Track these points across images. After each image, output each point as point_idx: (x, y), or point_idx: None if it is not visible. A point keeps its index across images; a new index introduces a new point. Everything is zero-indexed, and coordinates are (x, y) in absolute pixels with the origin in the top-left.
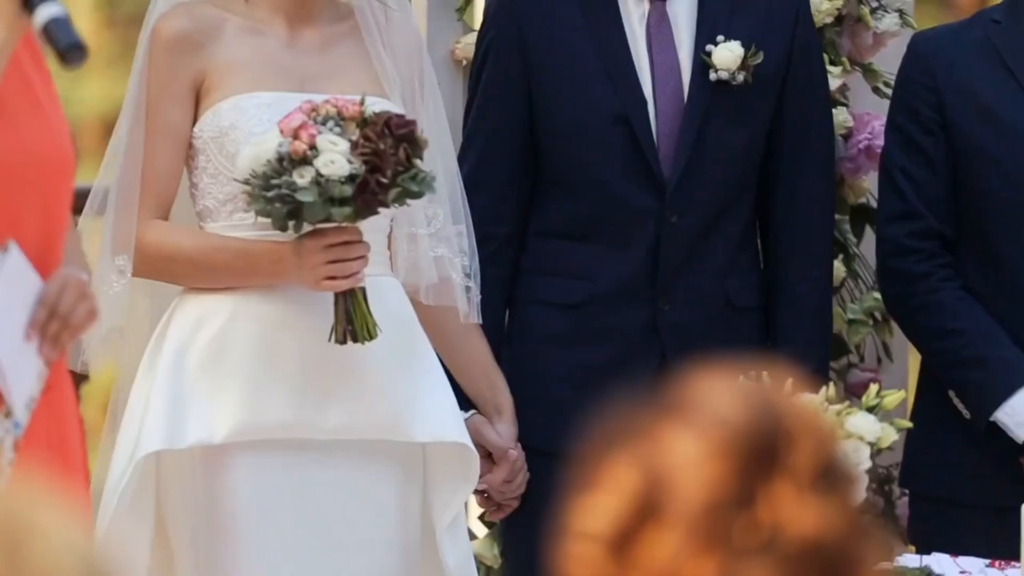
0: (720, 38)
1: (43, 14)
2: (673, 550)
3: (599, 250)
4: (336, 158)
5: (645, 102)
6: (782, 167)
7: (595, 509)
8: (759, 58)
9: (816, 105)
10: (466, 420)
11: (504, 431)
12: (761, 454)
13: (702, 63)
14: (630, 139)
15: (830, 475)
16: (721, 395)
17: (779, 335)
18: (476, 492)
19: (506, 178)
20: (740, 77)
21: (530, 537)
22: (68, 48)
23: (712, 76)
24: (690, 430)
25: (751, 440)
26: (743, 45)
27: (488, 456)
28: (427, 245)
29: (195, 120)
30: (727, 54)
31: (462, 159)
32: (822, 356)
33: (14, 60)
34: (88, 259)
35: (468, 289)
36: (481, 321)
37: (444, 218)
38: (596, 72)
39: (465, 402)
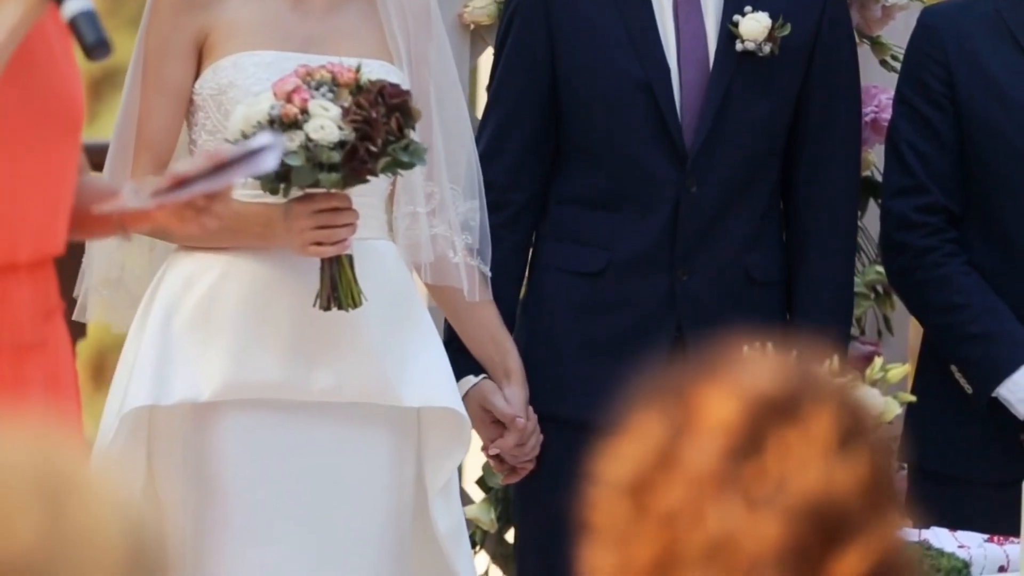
0: (748, 8)
1: (71, 7)
2: (683, 496)
3: (619, 218)
4: (326, 124)
5: (669, 70)
6: (807, 141)
7: (618, 457)
8: (786, 30)
9: (844, 80)
10: (475, 385)
11: (512, 395)
12: (781, 407)
13: (728, 33)
14: (652, 107)
15: (848, 440)
16: (755, 362)
17: (799, 311)
18: (490, 456)
19: (527, 144)
20: (766, 48)
21: (542, 502)
22: (94, 45)
23: (738, 47)
24: (718, 388)
25: (774, 394)
26: (771, 16)
27: (499, 421)
28: (425, 223)
29: (197, 77)
30: (754, 25)
31: (483, 124)
32: (842, 334)
33: None
34: None
35: (471, 267)
36: (490, 296)
37: (442, 194)
38: (620, 39)
39: (475, 367)
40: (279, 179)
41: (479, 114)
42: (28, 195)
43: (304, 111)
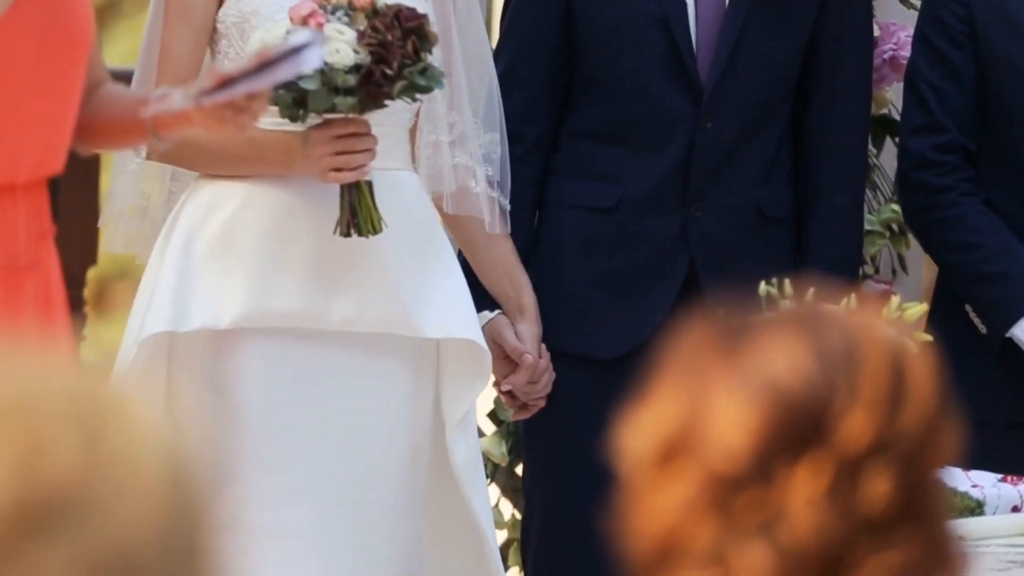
0: None
1: None
2: (685, 494)
3: (632, 153)
4: (341, 47)
5: (685, 5)
6: (819, 78)
7: (639, 428)
8: None
9: (857, 18)
10: (489, 321)
11: (525, 331)
12: (800, 423)
13: None
14: (668, 42)
15: (876, 450)
16: (784, 351)
17: (809, 249)
18: (502, 392)
19: (540, 78)
20: None
21: (551, 438)
22: None
23: None
24: (741, 384)
25: (794, 415)
26: None
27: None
28: (447, 153)
29: (220, 5)
30: None
31: (496, 57)
32: (852, 272)
33: None
34: None
35: (492, 199)
36: (508, 231)
37: (464, 125)
38: None
39: (490, 303)
40: (296, 104)
41: (493, 46)
42: (32, 115)
43: None
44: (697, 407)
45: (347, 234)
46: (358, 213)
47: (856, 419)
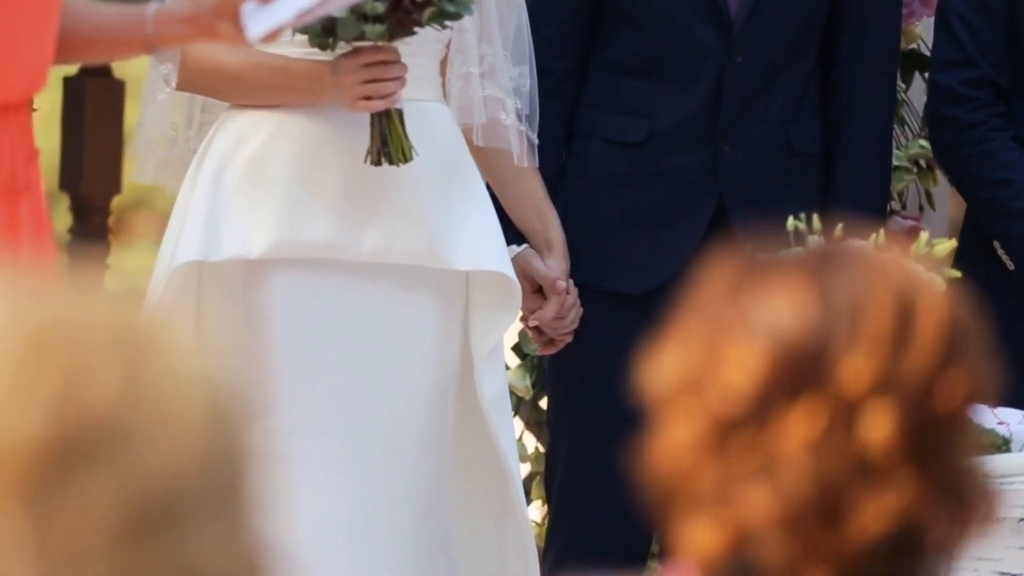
0: None
1: None
2: (686, 442)
3: (662, 87)
4: None
5: None
6: (849, 13)
7: (661, 363)
8: None
9: None
10: (517, 254)
11: (554, 266)
12: (795, 376)
13: None
14: None
15: (877, 390)
16: (788, 294)
17: (837, 185)
18: (529, 327)
19: (570, 11)
20: None
21: (577, 372)
22: None
23: None
24: (748, 327)
25: (792, 358)
26: None
27: (539, 290)
28: (478, 84)
29: None
30: None
31: None
32: (879, 208)
33: None
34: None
35: (521, 132)
36: (536, 165)
37: (494, 57)
38: None
39: (518, 237)
40: (325, 33)
41: None
42: (23, 34)
43: None
44: (711, 348)
45: (378, 162)
46: (388, 141)
47: (855, 361)
